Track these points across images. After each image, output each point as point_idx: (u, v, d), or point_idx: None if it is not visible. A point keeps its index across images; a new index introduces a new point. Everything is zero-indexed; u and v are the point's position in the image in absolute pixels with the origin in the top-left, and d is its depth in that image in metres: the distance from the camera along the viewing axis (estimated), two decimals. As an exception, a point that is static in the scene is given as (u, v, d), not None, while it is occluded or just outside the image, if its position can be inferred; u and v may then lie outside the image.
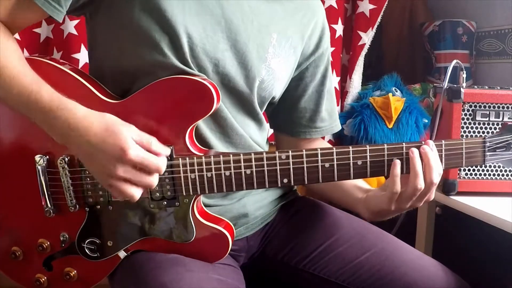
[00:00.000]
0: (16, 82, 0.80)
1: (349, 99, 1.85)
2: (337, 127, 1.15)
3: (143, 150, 0.80)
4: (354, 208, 1.01)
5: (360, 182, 1.03)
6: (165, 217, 0.89)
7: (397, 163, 0.85)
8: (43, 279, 0.95)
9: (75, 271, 0.94)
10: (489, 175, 1.20)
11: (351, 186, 1.02)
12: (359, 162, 0.86)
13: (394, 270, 0.97)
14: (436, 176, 0.85)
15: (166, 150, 0.84)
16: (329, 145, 1.23)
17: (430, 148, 0.85)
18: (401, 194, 0.86)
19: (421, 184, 0.84)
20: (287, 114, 1.10)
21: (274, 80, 0.99)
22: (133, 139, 0.80)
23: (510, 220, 1.02)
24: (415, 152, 0.84)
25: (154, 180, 0.82)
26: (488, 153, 0.87)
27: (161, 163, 0.81)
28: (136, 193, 0.81)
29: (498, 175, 1.19)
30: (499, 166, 1.19)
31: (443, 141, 0.86)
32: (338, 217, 1.08)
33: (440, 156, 0.86)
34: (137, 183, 0.81)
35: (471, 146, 0.86)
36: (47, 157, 0.90)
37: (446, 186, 1.19)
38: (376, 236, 1.04)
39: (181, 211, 0.89)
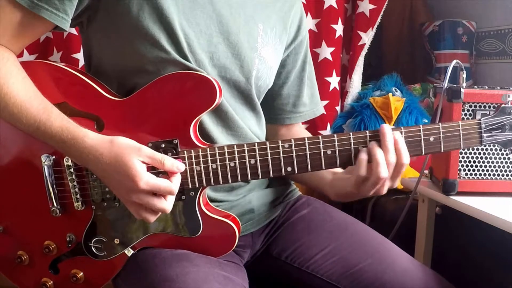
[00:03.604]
0: (24, 113, 0.82)
1: (349, 99, 1.86)
2: (319, 111, 1.19)
3: (153, 177, 0.80)
4: (322, 190, 1.03)
5: None
6: (171, 211, 0.89)
7: (364, 148, 0.86)
8: (50, 283, 0.94)
9: (82, 273, 0.93)
10: (489, 175, 1.20)
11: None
12: (360, 148, 0.87)
13: (394, 279, 0.98)
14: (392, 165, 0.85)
15: (180, 166, 0.84)
16: (307, 132, 1.25)
17: (387, 139, 0.85)
18: (366, 180, 0.87)
19: (383, 173, 0.84)
20: (271, 102, 1.13)
21: (267, 68, 1.02)
22: (144, 163, 0.80)
23: (510, 220, 1.02)
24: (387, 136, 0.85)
25: (167, 205, 0.82)
26: (484, 134, 0.88)
27: (174, 186, 0.82)
28: (150, 217, 0.83)
29: (498, 175, 1.19)
30: (499, 166, 1.19)
31: (440, 124, 0.88)
32: (343, 220, 1.09)
33: (439, 139, 0.87)
34: (151, 208, 0.82)
35: (468, 127, 0.88)
36: (54, 156, 0.90)
37: (446, 186, 1.19)
38: (378, 243, 1.05)
39: (187, 204, 0.89)
